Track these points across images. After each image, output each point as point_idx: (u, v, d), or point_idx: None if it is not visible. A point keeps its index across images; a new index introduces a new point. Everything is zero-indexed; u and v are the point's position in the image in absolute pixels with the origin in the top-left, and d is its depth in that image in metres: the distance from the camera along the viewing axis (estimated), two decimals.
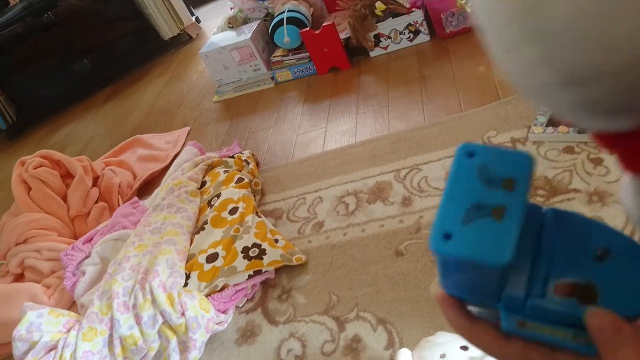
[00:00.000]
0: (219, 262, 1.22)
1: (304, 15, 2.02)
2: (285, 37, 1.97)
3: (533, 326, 0.27)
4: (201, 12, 3.28)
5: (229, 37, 2.13)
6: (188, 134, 2.07)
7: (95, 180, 1.78)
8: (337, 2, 1.93)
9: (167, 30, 2.87)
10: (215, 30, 2.32)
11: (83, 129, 2.59)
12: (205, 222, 1.35)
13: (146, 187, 1.84)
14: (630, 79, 0.17)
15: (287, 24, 1.96)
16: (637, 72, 0.17)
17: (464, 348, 0.76)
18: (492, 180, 0.26)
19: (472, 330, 0.30)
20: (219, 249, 1.25)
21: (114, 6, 2.84)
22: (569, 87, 0.19)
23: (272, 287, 1.22)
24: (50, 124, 2.81)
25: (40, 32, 2.71)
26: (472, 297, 0.29)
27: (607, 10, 0.16)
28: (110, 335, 1.12)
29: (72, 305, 1.36)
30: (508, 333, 0.29)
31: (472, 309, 0.30)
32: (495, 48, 0.21)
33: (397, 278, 1.10)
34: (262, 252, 1.22)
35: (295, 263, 1.21)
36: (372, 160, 1.44)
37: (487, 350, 0.30)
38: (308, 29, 1.92)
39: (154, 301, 1.12)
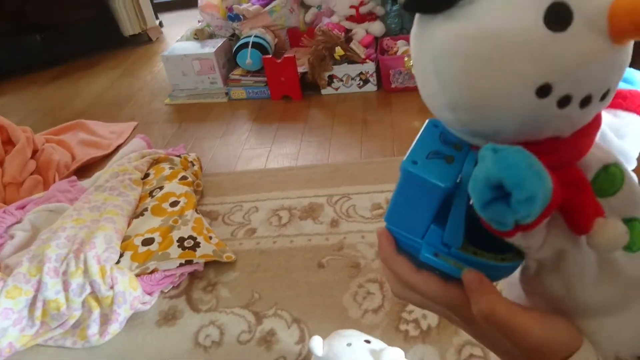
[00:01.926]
0: (154, 247, 1.29)
1: (268, 43, 2.17)
2: (248, 59, 2.11)
3: (443, 257, 0.38)
4: (165, 17, 3.35)
5: (193, 47, 2.24)
6: (134, 129, 2.12)
7: (34, 154, 1.78)
8: (302, 39, 2.11)
9: (129, 27, 2.91)
10: (179, 38, 2.42)
11: (22, 102, 2.55)
12: (145, 209, 1.42)
13: (83, 171, 1.86)
14: (477, 114, 0.32)
15: (252, 47, 2.11)
16: (482, 110, 0.32)
17: (367, 342, 0.90)
18: (447, 142, 0.38)
19: (394, 258, 0.41)
20: (156, 235, 1.32)
21: None
22: (452, 110, 0.34)
23: (199, 278, 1.31)
24: None
25: None
26: (405, 229, 0.40)
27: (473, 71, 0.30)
28: (34, 297, 1.15)
29: None
30: (422, 264, 0.39)
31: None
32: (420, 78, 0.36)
33: (316, 286, 1.23)
34: (197, 245, 1.31)
35: (225, 260, 1.31)
36: (309, 183, 1.58)
37: (400, 277, 0.41)
38: (270, 56, 2.07)
39: (85, 271, 1.17)
